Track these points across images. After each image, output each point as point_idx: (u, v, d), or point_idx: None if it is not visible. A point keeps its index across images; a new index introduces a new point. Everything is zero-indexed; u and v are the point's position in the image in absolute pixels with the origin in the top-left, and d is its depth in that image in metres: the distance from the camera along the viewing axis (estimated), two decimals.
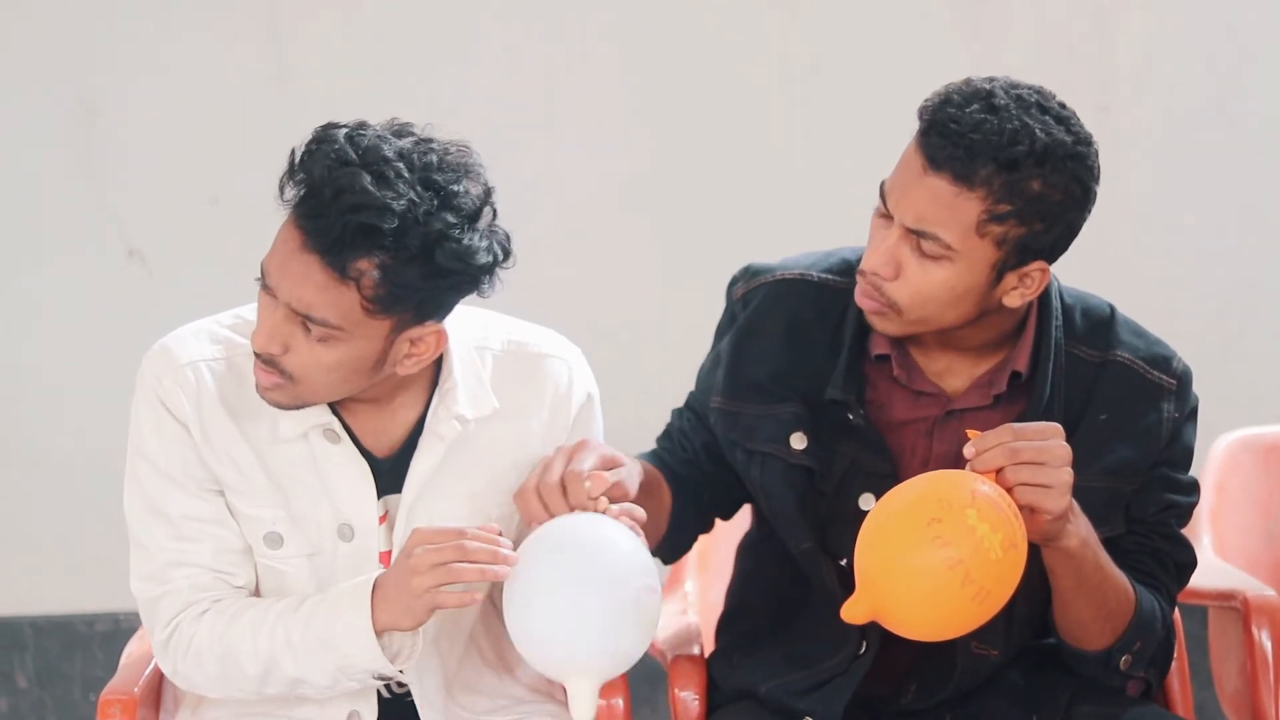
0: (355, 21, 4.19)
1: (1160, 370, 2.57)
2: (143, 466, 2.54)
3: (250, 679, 2.49)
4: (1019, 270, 2.45)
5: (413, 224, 2.32)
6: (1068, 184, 2.41)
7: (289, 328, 2.40)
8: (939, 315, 2.46)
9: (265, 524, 2.52)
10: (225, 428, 2.51)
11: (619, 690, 2.66)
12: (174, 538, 2.52)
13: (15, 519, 4.27)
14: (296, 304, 2.37)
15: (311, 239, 2.35)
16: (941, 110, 2.40)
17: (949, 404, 2.55)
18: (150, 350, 2.56)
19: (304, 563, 2.53)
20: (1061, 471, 2.32)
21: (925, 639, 2.39)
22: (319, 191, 2.34)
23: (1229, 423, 3.36)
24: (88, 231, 4.20)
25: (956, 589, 2.26)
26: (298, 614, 2.47)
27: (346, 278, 2.35)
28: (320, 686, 2.49)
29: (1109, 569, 2.47)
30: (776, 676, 2.61)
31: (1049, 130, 2.39)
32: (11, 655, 4.30)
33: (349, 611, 2.43)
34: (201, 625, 2.50)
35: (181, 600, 2.51)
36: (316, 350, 2.39)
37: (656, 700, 4.04)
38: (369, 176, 2.32)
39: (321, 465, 2.52)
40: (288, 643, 2.46)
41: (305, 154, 2.38)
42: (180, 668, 2.52)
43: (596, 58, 4.18)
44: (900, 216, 2.43)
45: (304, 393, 2.44)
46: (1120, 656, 2.53)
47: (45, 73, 4.16)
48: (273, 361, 2.42)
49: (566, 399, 2.58)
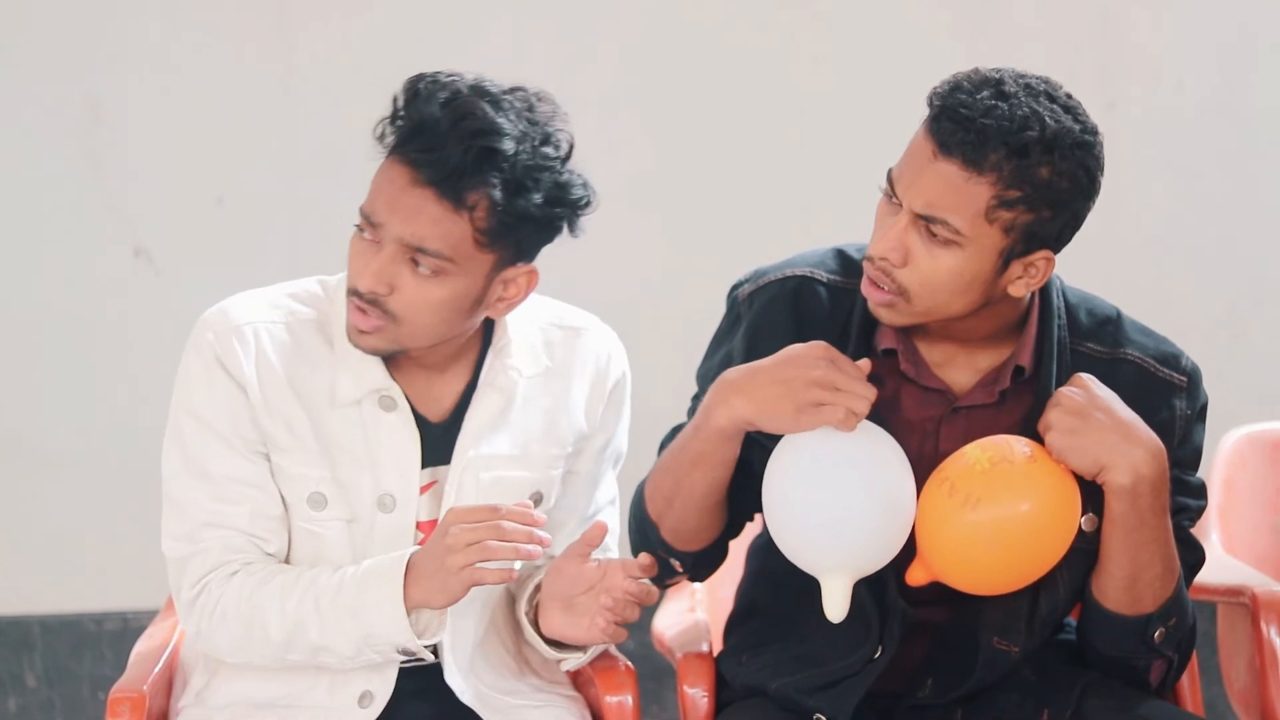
0: (362, 21, 4.19)
1: (1170, 368, 2.59)
2: (189, 425, 2.56)
3: (274, 643, 2.52)
4: (1024, 259, 2.46)
5: (523, 153, 2.44)
6: (1075, 172, 2.42)
7: (395, 267, 2.46)
8: (946, 304, 2.47)
9: (311, 484, 2.55)
10: (281, 389, 2.55)
11: (628, 687, 2.67)
12: (213, 498, 2.55)
13: (23, 518, 4.27)
14: (410, 238, 2.44)
15: (425, 172, 2.43)
16: (952, 96, 2.42)
17: (954, 401, 2.56)
18: (207, 312, 2.59)
19: (343, 529, 2.56)
20: (1060, 404, 2.44)
21: (965, 584, 2.47)
22: (434, 125, 2.43)
23: (1237, 419, 3.36)
24: (94, 230, 4.20)
25: (944, 499, 2.42)
26: (328, 582, 2.51)
27: (461, 208, 2.43)
28: (343, 656, 2.51)
29: (1166, 524, 2.49)
30: (786, 674, 2.61)
31: (1057, 118, 2.41)
32: (20, 654, 4.30)
33: (381, 584, 2.48)
34: (230, 586, 2.53)
35: (212, 560, 2.54)
36: (425, 287, 2.46)
37: (665, 698, 4.05)
38: (486, 104, 2.44)
39: (371, 434, 2.56)
40: (316, 609, 2.50)
41: (409, 97, 2.47)
42: (204, 627, 2.55)
43: (602, 57, 4.18)
44: (910, 202, 2.44)
45: (405, 335, 2.50)
46: (1157, 627, 2.53)
47: (52, 72, 4.16)
48: (377, 302, 2.47)
49: (605, 372, 2.68)
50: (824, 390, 2.41)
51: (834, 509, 2.41)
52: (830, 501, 2.42)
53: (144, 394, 4.22)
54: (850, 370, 2.43)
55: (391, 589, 2.47)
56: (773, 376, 2.44)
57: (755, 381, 2.46)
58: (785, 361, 2.45)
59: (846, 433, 2.42)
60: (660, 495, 2.58)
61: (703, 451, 2.50)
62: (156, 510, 4.29)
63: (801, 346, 2.46)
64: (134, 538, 4.22)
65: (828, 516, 2.41)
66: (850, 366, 2.44)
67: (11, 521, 4.27)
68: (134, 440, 4.23)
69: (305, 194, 4.19)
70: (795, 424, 2.43)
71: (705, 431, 2.50)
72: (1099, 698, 2.57)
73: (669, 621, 2.92)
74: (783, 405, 2.43)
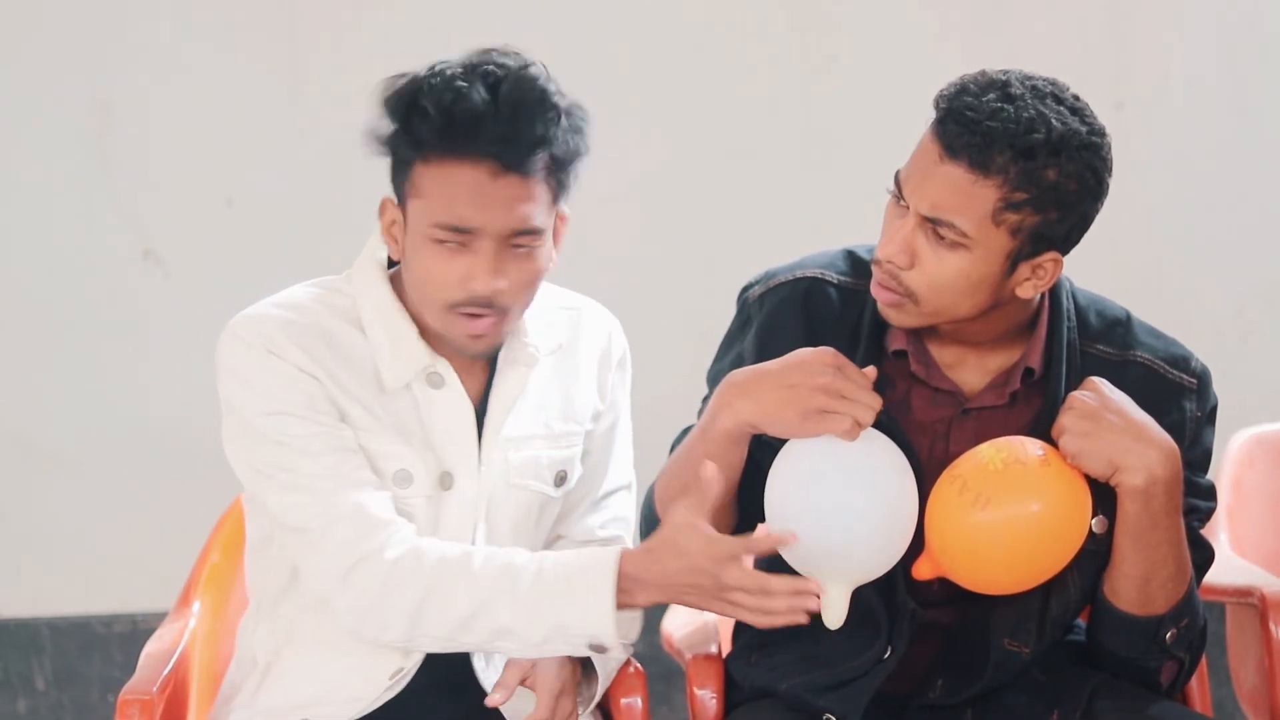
0: (369, 24, 4.20)
1: (1180, 370, 2.59)
2: (269, 425, 2.49)
3: (452, 620, 2.46)
4: (1032, 260, 2.46)
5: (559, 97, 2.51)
6: (1082, 173, 2.42)
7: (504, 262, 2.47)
8: (954, 305, 2.47)
9: (395, 460, 2.53)
10: (340, 374, 2.52)
11: (637, 689, 2.67)
12: (331, 467, 2.49)
13: (32, 520, 4.28)
14: (517, 224, 2.45)
15: (506, 157, 2.43)
16: (958, 99, 2.42)
17: (965, 403, 2.56)
18: (235, 321, 2.54)
19: (424, 505, 2.54)
20: (1073, 408, 2.44)
21: (973, 582, 2.47)
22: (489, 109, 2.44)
23: (1245, 420, 3.36)
24: (103, 232, 4.21)
25: (955, 497, 2.41)
26: (525, 563, 2.47)
27: (534, 176, 2.45)
28: (529, 643, 2.47)
29: (1179, 525, 2.49)
30: (796, 675, 2.61)
31: (1064, 120, 2.41)
32: (29, 657, 4.31)
33: (590, 574, 2.44)
34: (404, 554, 2.46)
35: (362, 523, 2.47)
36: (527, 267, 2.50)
37: (674, 699, 4.05)
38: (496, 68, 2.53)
39: (426, 413, 2.55)
40: (512, 590, 2.45)
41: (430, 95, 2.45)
42: (362, 600, 2.47)
43: (608, 63, 4.18)
44: (916, 205, 2.44)
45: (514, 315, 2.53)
46: (1169, 628, 2.54)
47: (61, 75, 4.17)
48: (492, 304, 2.47)
49: (609, 351, 2.69)
50: (830, 398, 2.41)
51: (835, 518, 2.41)
52: (831, 511, 2.41)
53: (154, 395, 4.23)
54: (857, 378, 2.43)
55: (605, 581, 2.42)
56: (779, 381, 2.44)
57: (761, 385, 2.45)
58: (792, 366, 2.45)
59: (850, 441, 2.42)
60: (670, 496, 2.57)
61: (710, 453, 2.49)
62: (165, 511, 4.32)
63: (809, 352, 2.46)
64: (143, 539, 4.23)
65: (829, 526, 2.41)
66: (857, 374, 2.43)
67: (21, 523, 4.28)
68: (144, 442, 4.24)
69: (314, 195, 4.20)
70: (799, 430, 2.43)
71: (711, 434, 2.49)
72: (1109, 699, 2.57)
73: (678, 623, 2.92)
74: (787, 410, 2.43)
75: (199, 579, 2.86)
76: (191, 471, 4.12)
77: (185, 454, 4.17)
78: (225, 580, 2.89)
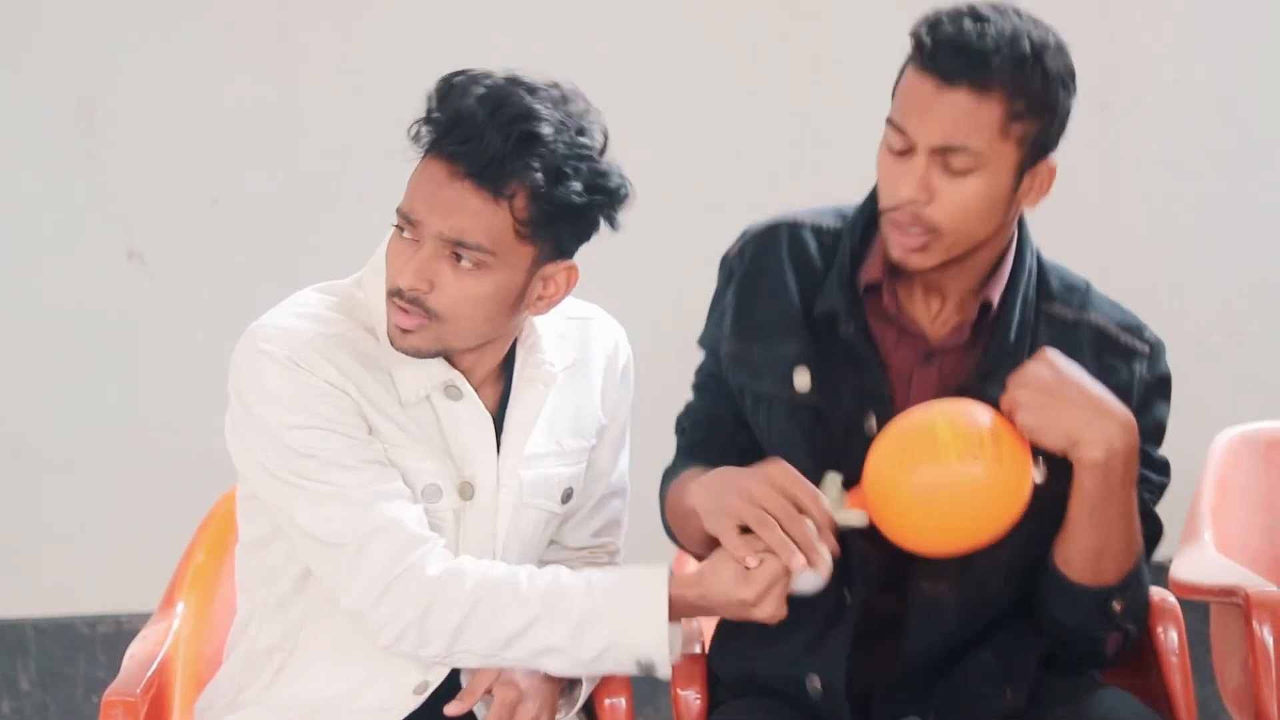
0: (358, 24, 4.19)
1: (1132, 335, 2.64)
2: (301, 439, 2.48)
3: (496, 639, 2.47)
4: (1033, 169, 2.53)
5: (561, 141, 2.44)
6: (1061, 74, 2.51)
7: (436, 264, 2.45)
8: (975, 230, 2.52)
9: (425, 475, 2.53)
10: (366, 389, 2.51)
11: (621, 690, 2.67)
12: (366, 480, 2.48)
13: (17, 521, 4.27)
14: (449, 232, 2.43)
15: (464, 164, 2.42)
16: (940, 30, 2.49)
17: (928, 347, 2.60)
18: (255, 329, 2.52)
19: (452, 519, 2.55)
20: (1027, 382, 2.46)
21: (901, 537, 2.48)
22: (471, 116, 2.42)
23: (1230, 418, 3.37)
24: (88, 233, 4.21)
25: (899, 454, 2.45)
26: (573, 583, 2.48)
27: (500, 197, 2.42)
28: (575, 661, 2.49)
29: (1133, 498, 2.51)
30: (771, 644, 2.61)
31: (1034, 27, 2.51)
32: (14, 657, 4.30)
33: (643, 595, 2.47)
34: (445, 570, 2.47)
35: (400, 538, 2.47)
36: (466, 283, 2.45)
37: (659, 699, 4.04)
38: (522, 92, 2.44)
39: (447, 425, 2.55)
40: (563, 610, 2.46)
41: (443, 93, 2.46)
42: (401, 617, 2.47)
43: (602, 64, 4.18)
44: (926, 138, 2.49)
45: (448, 333, 2.49)
46: (1117, 599, 2.56)
47: (47, 75, 4.16)
48: (418, 300, 2.46)
49: (615, 359, 2.71)
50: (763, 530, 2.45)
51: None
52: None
53: (139, 397, 4.22)
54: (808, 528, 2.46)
55: (658, 600, 2.46)
56: (732, 490, 2.49)
57: (713, 485, 2.53)
58: (749, 485, 2.48)
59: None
60: (674, 522, 2.68)
61: (694, 509, 2.55)
62: (150, 513, 4.31)
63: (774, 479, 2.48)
64: (128, 540, 4.22)
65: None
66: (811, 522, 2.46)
67: (5, 524, 4.27)
68: (128, 444, 4.23)
69: (300, 196, 4.19)
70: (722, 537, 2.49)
71: (689, 501, 2.56)
72: (1059, 679, 2.60)
73: None
74: (718, 522, 2.48)
75: (183, 580, 2.86)
76: (177, 472, 4.12)
77: (171, 456, 4.17)
78: (209, 581, 2.88)
